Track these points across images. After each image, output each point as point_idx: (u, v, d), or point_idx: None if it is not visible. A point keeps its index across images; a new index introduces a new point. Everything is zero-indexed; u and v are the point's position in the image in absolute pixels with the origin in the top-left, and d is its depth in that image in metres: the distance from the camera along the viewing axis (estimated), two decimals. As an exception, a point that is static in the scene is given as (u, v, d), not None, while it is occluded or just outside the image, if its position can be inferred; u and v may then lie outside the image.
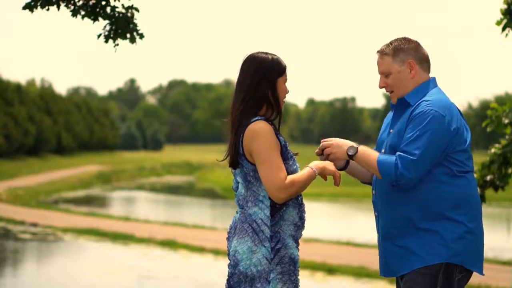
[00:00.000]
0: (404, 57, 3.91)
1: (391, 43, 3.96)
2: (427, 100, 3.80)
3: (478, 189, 8.34)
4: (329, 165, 3.92)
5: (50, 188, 37.86)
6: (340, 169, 4.03)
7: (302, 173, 3.84)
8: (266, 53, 3.95)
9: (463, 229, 3.77)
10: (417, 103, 3.82)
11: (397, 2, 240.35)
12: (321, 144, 3.99)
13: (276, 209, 3.85)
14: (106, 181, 47.46)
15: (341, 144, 3.91)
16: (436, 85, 3.95)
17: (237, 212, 3.97)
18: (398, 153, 3.75)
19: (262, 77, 3.88)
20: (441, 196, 3.77)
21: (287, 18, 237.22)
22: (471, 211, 3.81)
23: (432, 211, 3.77)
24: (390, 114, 4.07)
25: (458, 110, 3.89)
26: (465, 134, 3.83)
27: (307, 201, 4.03)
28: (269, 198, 3.84)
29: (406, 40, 3.95)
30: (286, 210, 3.87)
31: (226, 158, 3.94)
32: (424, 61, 3.94)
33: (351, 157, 3.87)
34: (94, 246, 18.18)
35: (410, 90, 3.90)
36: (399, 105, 3.94)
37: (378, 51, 3.98)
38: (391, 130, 3.94)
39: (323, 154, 3.97)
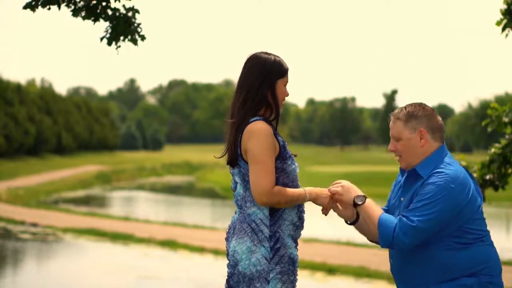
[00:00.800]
0: (416, 124, 3.86)
1: (405, 107, 3.93)
2: (438, 172, 3.77)
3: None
4: (323, 197, 3.92)
5: (50, 188, 37.86)
6: (350, 223, 4.02)
7: (294, 190, 3.84)
8: (269, 54, 3.94)
9: (475, 280, 3.78)
10: (429, 175, 3.79)
11: (397, 2, 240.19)
12: (333, 184, 3.98)
13: (275, 209, 3.85)
14: (106, 181, 47.47)
15: (351, 189, 3.91)
16: (447, 153, 3.91)
17: (235, 212, 3.96)
18: (399, 216, 3.76)
19: (263, 77, 3.88)
20: (457, 263, 3.77)
21: (287, 18, 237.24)
22: (488, 270, 3.81)
23: (449, 276, 3.78)
24: (399, 177, 4.06)
25: (469, 174, 3.88)
26: (478, 200, 3.83)
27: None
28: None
29: (421, 107, 3.90)
30: (285, 210, 3.87)
31: (224, 155, 3.94)
32: (436, 131, 3.89)
33: (356, 205, 3.86)
34: (94, 246, 18.18)
35: (420, 160, 3.87)
36: (410, 175, 3.92)
37: (391, 114, 3.96)
38: (402, 198, 3.92)
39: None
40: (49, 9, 6.24)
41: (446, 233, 3.75)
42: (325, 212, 3.97)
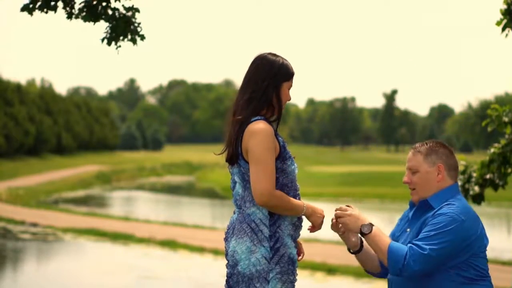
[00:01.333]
0: (436, 159, 3.96)
1: (426, 143, 4.03)
2: (450, 204, 3.85)
3: (478, 188, 8.35)
4: (317, 215, 3.92)
5: (50, 188, 37.86)
6: (353, 252, 4.08)
7: (294, 200, 3.84)
8: (277, 56, 3.95)
9: None
10: (440, 207, 3.86)
11: (397, 2, 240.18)
12: (339, 209, 3.97)
13: (275, 208, 3.84)
14: (106, 181, 47.47)
15: (358, 218, 3.92)
16: (459, 192, 3.99)
17: (234, 212, 3.96)
18: (410, 244, 3.79)
19: (269, 79, 3.88)
20: None
21: (288, 18, 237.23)
22: None
23: None
24: (407, 212, 4.11)
25: (478, 216, 3.95)
26: (485, 241, 3.89)
27: (307, 201, 4.03)
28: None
29: (442, 144, 4.02)
30: (285, 210, 3.86)
31: (223, 152, 3.93)
32: (452, 169, 3.99)
33: (363, 234, 3.89)
34: (94, 246, 18.18)
35: (433, 193, 3.93)
36: (421, 206, 3.97)
37: (412, 147, 4.05)
38: (408, 229, 3.96)
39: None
40: (46, 12, 6.23)
41: (453, 265, 3.79)
42: (312, 230, 3.96)
